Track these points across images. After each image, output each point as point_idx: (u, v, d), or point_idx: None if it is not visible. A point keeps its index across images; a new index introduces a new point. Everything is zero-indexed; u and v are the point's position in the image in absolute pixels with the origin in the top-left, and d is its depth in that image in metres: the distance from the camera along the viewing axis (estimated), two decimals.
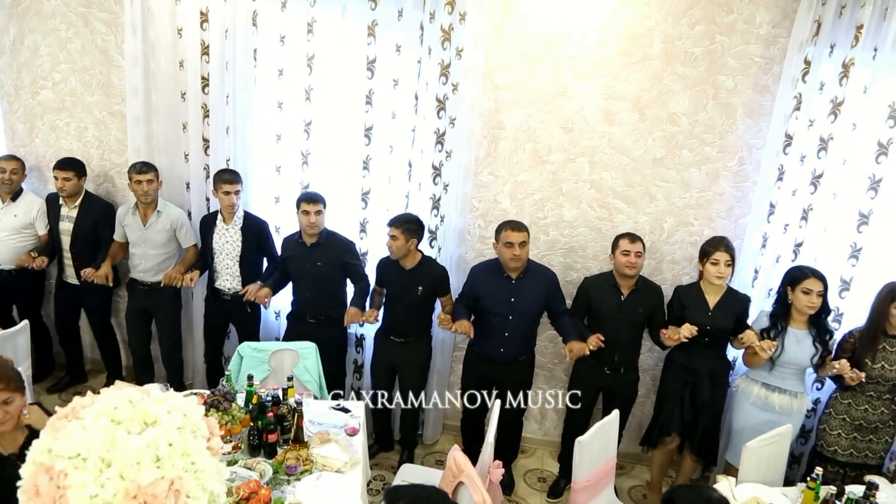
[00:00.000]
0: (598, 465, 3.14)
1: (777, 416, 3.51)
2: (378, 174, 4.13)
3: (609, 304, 3.74)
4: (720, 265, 3.55)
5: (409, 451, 4.31)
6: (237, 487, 2.51)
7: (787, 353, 3.46)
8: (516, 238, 3.61)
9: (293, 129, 4.15)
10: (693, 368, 3.67)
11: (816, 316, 3.47)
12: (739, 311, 3.65)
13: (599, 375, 3.83)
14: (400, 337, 4.00)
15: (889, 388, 3.41)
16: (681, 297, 3.71)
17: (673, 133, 3.85)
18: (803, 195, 3.72)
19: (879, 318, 3.39)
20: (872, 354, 3.38)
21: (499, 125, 3.99)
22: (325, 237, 3.98)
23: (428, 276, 3.87)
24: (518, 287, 3.73)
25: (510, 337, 3.77)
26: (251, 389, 3.17)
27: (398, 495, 2.01)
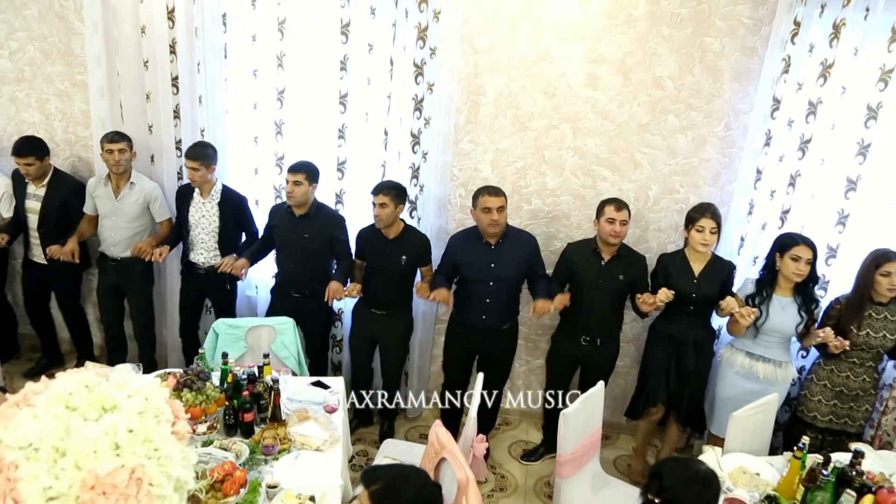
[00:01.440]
0: (583, 438, 3.09)
1: (761, 385, 3.48)
2: (354, 143, 4.00)
3: (589, 269, 3.66)
4: (705, 232, 3.48)
5: (389, 422, 4.26)
6: (211, 470, 2.41)
7: (772, 321, 3.42)
8: (494, 203, 3.52)
9: (266, 98, 4.00)
10: (678, 338, 3.63)
11: (803, 284, 3.42)
12: (724, 279, 3.59)
13: (576, 346, 3.78)
14: (381, 309, 3.90)
15: (872, 355, 3.39)
16: (665, 266, 3.64)
17: (658, 98, 3.75)
18: (791, 161, 3.65)
19: (865, 286, 3.35)
20: (858, 322, 3.35)
21: (479, 91, 3.86)
22: (315, 209, 3.86)
23: (411, 246, 3.78)
24: (497, 253, 3.65)
25: (491, 304, 3.70)
26: (226, 367, 3.07)
27: (376, 476, 1.93)
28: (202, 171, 3.84)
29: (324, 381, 3.36)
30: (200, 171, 3.84)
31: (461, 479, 2.45)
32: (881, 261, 3.29)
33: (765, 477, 2.88)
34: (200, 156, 3.83)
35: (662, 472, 2.13)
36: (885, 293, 3.30)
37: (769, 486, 2.81)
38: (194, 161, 3.82)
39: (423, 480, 1.93)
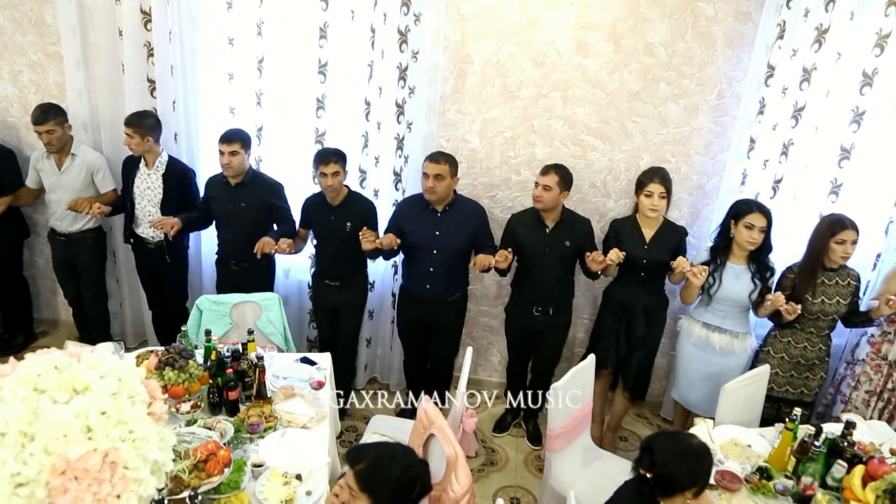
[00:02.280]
0: (573, 412, 3.05)
1: (717, 356, 3.47)
2: (334, 113, 3.89)
3: (534, 238, 3.60)
4: (654, 197, 3.42)
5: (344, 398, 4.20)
6: (194, 450, 2.35)
7: (725, 289, 3.37)
8: (430, 169, 3.45)
9: (244, 68, 3.87)
10: (629, 304, 3.61)
11: (757, 252, 3.37)
12: (676, 244, 3.54)
13: (529, 317, 3.74)
14: (335, 280, 3.85)
15: (828, 322, 3.37)
16: (616, 231, 3.59)
17: (650, 65, 3.65)
18: (784, 129, 3.58)
19: (819, 252, 3.30)
20: (812, 290, 3.31)
21: (466, 59, 3.75)
22: (251, 177, 3.78)
23: (356, 212, 3.70)
24: (443, 220, 3.59)
25: (435, 273, 3.64)
26: (209, 345, 3.00)
27: (361, 455, 1.89)
28: (136, 139, 3.75)
29: (310, 357, 3.31)
30: (135, 139, 3.75)
31: (449, 455, 2.41)
32: (836, 228, 3.24)
33: (756, 449, 2.86)
34: (135, 124, 3.74)
35: (654, 446, 2.10)
36: (839, 260, 3.27)
37: (761, 457, 2.79)
38: (128, 128, 3.73)
39: (410, 458, 1.89)
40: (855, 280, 3.35)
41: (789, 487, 2.58)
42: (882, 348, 3.47)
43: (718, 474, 2.62)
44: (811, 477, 2.57)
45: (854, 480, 2.54)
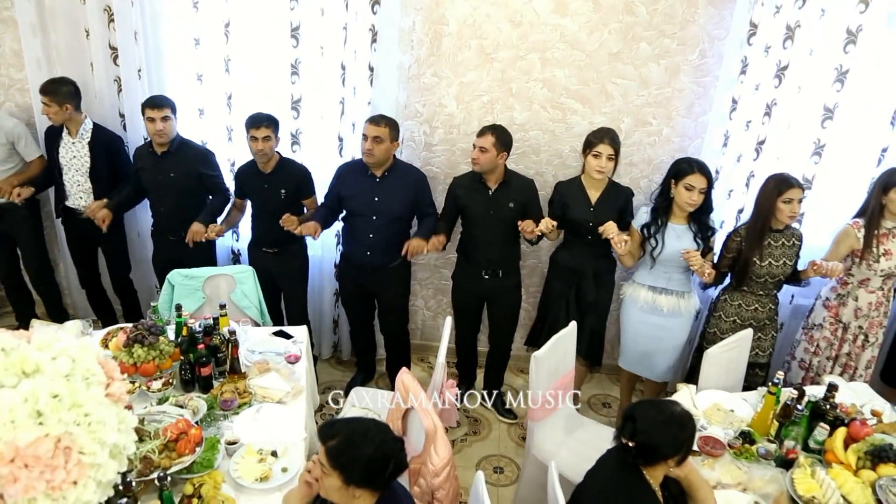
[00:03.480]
0: (555, 380, 3.01)
1: (666, 318, 3.44)
2: (309, 79, 3.75)
3: (477, 201, 3.53)
4: (602, 158, 3.34)
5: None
6: (164, 429, 2.29)
7: (668, 250, 3.32)
8: (370, 132, 3.37)
9: (211, 32, 3.70)
10: (577, 269, 3.56)
11: (697, 213, 3.31)
12: (622, 205, 3.48)
13: (477, 282, 3.68)
14: (272, 247, 3.77)
15: (776, 283, 3.35)
16: (561, 194, 3.52)
17: (630, 24, 3.54)
18: (767, 89, 3.51)
19: (766, 214, 3.23)
20: (759, 252, 3.26)
21: (441, 20, 3.61)
22: (178, 145, 3.66)
23: (289, 178, 3.63)
24: (382, 186, 3.51)
25: (375, 240, 3.57)
26: (180, 320, 2.92)
27: (333, 431, 1.82)
28: (54, 107, 3.62)
29: (286, 330, 3.23)
30: (52, 107, 3.62)
31: (428, 427, 2.36)
32: (783, 187, 3.17)
33: (739, 413, 2.84)
34: (51, 91, 3.60)
35: (636, 414, 2.05)
36: (786, 219, 3.22)
37: (743, 422, 2.77)
38: (44, 96, 3.60)
39: (383, 435, 1.82)
40: (798, 240, 3.32)
41: (772, 451, 2.57)
42: (839, 312, 3.46)
43: (702, 440, 2.59)
44: (794, 440, 2.55)
45: (836, 443, 2.54)
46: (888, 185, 3.21)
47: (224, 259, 4.23)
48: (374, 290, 3.79)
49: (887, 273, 3.30)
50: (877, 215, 3.27)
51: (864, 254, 3.29)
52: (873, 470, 2.42)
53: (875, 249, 3.28)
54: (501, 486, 3.47)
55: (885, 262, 3.27)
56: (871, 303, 3.38)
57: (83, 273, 4.20)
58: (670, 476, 2.13)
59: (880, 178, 3.28)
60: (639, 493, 2.03)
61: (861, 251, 3.30)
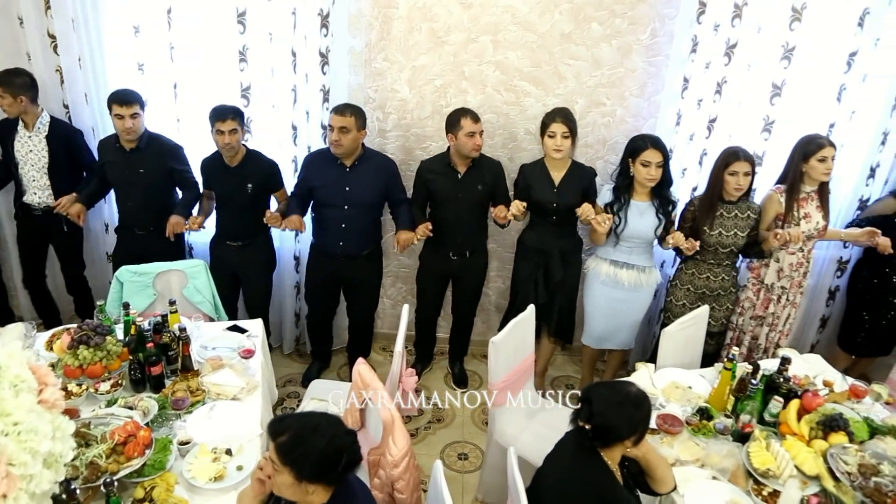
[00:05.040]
0: (514, 365, 3.00)
1: (627, 292, 3.51)
2: (258, 66, 3.65)
3: (446, 185, 3.54)
4: (557, 138, 3.35)
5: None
6: (112, 432, 2.21)
7: (631, 227, 3.38)
8: (336, 122, 3.34)
9: (152, 19, 3.57)
10: (544, 249, 3.58)
11: (658, 187, 3.37)
12: (586, 185, 3.51)
13: (445, 262, 3.72)
14: (236, 241, 3.70)
15: (728, 254, 3.42)
16: (525, 176, 3.54)
17: (581, 5, 3.52)
18: (717, 67, 3.52)
19: (715, 186, 3.34)
20: (710, 222, 3.35)
21: (390, 3, 3.55)
22: (147, 141, 3.56)
23: (256, 172, 3.56)
24: (352, 175, 3.49)
25: (348, 229, 3.55)
26: (128, 319, 2.83)
27: (283, 427, 1.78)
28: (9, 99, 3.50)
29: (241, 324, 3.16)
30: (6, 99, 3.51)
31: (385, 418, 2.33)
32: (730, 160, 3.27)
33: (697, 390, 2.87)
34: (6, 83, 3.50)
35: (592, 397, 2.05)
36: (733, 192, 3.31)
37: (701, 398, 2.80)
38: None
39: (335, 429, 1.78)
40: (755, 213, 3.39)
41: (729, 426, 2.60)
42: (760, 272, 3.55)
43: (660, 418, 2.61)
44: (749, 414, 2.58)
45: (789, 415, 2.58)
46: (808, 153, 3.31)
47: (199, 256, 4.09)
48: (347, 278, 3.75)
49: (807, 235, 3.40)
50: (798, 181, 3.37)
51: (786, 217, 3.39)
52: (825, 439, 2.47)
53: (796, 213, 3.38)
54: (466, 473, 3.46)
55: (805, 225, 3.38)
56: (793, 263, 3.47)
57: (29, 272, 4.05)
58: (629, 456, 2.13)
59: (800, 145, 3.36)
60: (597, 474, 2.03)
61: (783, 215, 3.39)
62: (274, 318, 4.20)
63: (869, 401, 2.82)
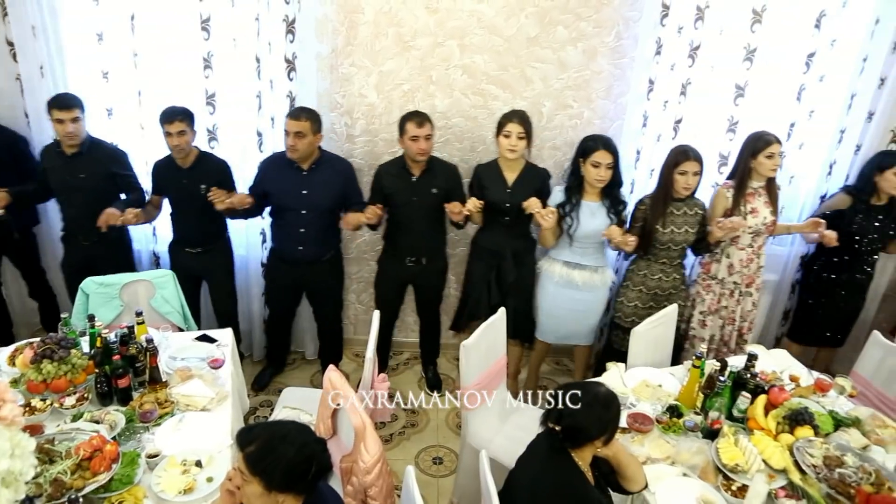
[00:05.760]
0: (486, 367, 3.01)
1: (580, 292, 3.54)
2: (223, 73, 3.62)
3: (401, 187, 3.54)
4: (512, 137, 3.37)
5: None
6: (76, 447, 2.16)
7: (583, 227, 3.40)
8: (291, 127, 3.32)
9: (115, 27, 3.53)
10: (496, 250, 3.60)
11: (608, 188, 3.40)
12: (538, 186, 3.52)
13: (402, 268, 3.71)
14: (195, 247, 3.68)
15: (679, 252, 3.46)
16: (479, 176, 3.56)
17: (546, 8, 3.55)
18: (681, 69, 3.58)
19: (666, 184, 3.36)
20: (662, 220, 3.38)
21: (356, 9, 3.54)
22: (89, 146, 3.49)
23: (208, 173, 3.52)
24: (310, 179, 3.47)
25: (307, 234, 3.54)
26: (94, 331, 2.77)
27: (251, 437, 1.75)
28: None
29: (210, 334, 3.13)
30: None
31: (357, 424, 2.32)
32: (680, 159, 3.30)
33: (667, 388, 2.90)
34: None
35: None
36: (682, 191, 3.34)
37: (671, 396, 2.83)
38: None
39: (304, 437, 1.77)
40: (701, 209, 3.45)
41: (699, 423, 2.63)
42: (711, 268, 3.61)
43: (631, 417, 2.63)
44: (718, 411, 2.61)
45: (757, 410, 2.62)
46: (756, 150, 3.37)
47: (148, 264, 4.06)
48: (307, 283, 3.73)
49: (755, 230, 3.46)
50: (746, 177, 3.43)
51: (733, 212, 3.44)
52: (791, 433, 2.51)
53: (743, 208, 3.44)
54: (441, 477, 3.46)
55: (752, 220, 3.44)
56: (742, 259, 3.53)
57: None
58: (600, 456, 2.14)
59: (748, 142, 3.42)
60: (568, 475, 2.04)
61: (731, 210, 3.45)
62: (244, 325, 4.17)
63: (833, 394, 2.88)
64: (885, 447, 2.53)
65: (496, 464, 2.72)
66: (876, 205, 3.62)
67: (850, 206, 3.64)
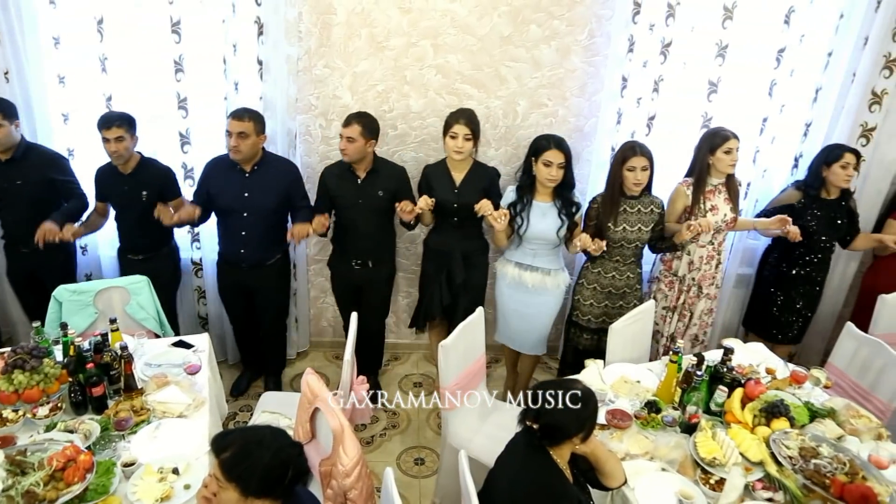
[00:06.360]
0: (465, 367, 3.01)
1: (532, 295, 3.50)
2: (195, 76, 3.58)
3: (346, 189, 3.50)
4: (458, 139, 3.36)
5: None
6: (49, 458, 2.13)
7: (533, 228, 3.37)
8: (234, 127, 3.28)
9: (82, 30, 3.47)
10: (446, 251, 3.59)
11: (560, 188, 3.38)
12: (486, 185, 3.50)
13: (349, 270, 3.67)
14: (139, 254, 3.63)
15: (633, 250, 3.44)
16: (427, 177, 3.55)
17: (519, 7, 3.55)
18: (654, 66, 3.61)
19: (615, 181, 3.33)
20: (614, 218, 3.35)
21: (328, 10, 3.52)
22: (24, 151, 3.40)
23: (151, 180, 3.48)
24: (252, 181, 3.43)
25: (249, 236, 3.50)
26: (66, 340, 2.73)
27: (226, 442, 1.74)
28: None
29: (186, 340, 3.10)
30: None
31: (335, 427, 2.31)
32: (627, 155, 3.27)
33: (645, 384, 2.91)
34: None
35: (539, 396, 2.05)
36: (632, 187, 3.31)
37: (649, 392, 2.85)
38: None
39: (280, 442, 1.75)
40: (659, 208, 3.43)
41: (676, 418, 2.65)
42: (672, 265, 3.62)
43: (609, 414, 2.64)
44: (696, 405, 2.63)
45: (734, 403, 2.64)
46: (714, 146, 3.37)
47: (111, 271, 3.97)
48: (252, 287, 3.68)
49: (716, 227, 3.46)
50: (704, 174, 3.43)
51: (692, 209, 3.44)
52: (768, 425, 2.54)
53: (703, 205, 3.44)
54: (423, 478, 3.45)
55: (713, 217, 3.43)
56: (703, 256, 3.54)
57: None
58: (578, 453, 2.15)
59: (706, 138, 3.42)
60: (546, 474, 2.04)
61: (690, 207, 3.45)
62: (216, 330, 4.13)
63: (809, 386, 2.92)
64: (859, 437, 2.56)
65: (477, 463, 2.72)
66: (825, 199, 3.63)
67: (800, 200, 3.64)
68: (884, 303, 3.39)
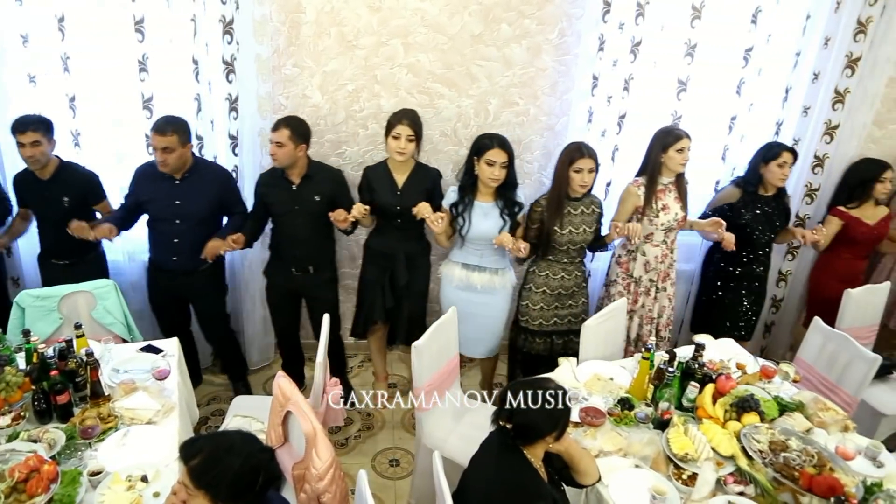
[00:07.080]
0: (439, 368, 2.99)
1: (481, 295, 3.47)
2: (159, 76, 3.50)
3: (281, 196, 3.42)
4: (401, 140, 3.31)
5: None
6: (11, 469, 2.07)
7: (475, 228, 3.34)
8: (157, 143, 3.19)
9: (42, 27, 3.36)
10: (389, 253, 3.55)
11: (503, 188, 3.35)
12: (429, 187, 3.48)
13: (288, 278, 3.60)
14: (62, 259, 3.54)
15: (578, 250, 3.44)
16: (368, 179, 3.50)
17: (489, 6, 3.54)
18: (624, 65, 3.63)
19: (561, 183, 3.30)
20: (560, 221, 3.32)
21: (297, 8, 3.48)
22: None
23: (71, 185, 3.40)
24: (182, 188, 3.37)
25: (181, 244, 3.42)
26: (30, 347, 2.65)
27: (195, 448, 1.71)
28: None
29: (155, 344, 3.04)
30: None
31: (307, 430, 2.28)
32: (574, 156, 3.24)
33: (618, 381, 2.93)
34: None
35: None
36: (578, 189, 3.29)
37: (622, 389, 2.86)
38: None
39: (250, 447, 1.72)
40: (598, 207, 3.43)
41: (649, 415, 2.67)
42: (629, 267, 3.64)
43: (583, 411, 2.65)
44: (668, 401, 2.65)
45: (705, 399, 2.67)
46: (666, 144, 3.39)
47: None
48: (186, 295, 3.62)
49: (667, 226, 3.50)
50: (656, 173, 3.45)
51: (645, 209, 3.46)
52: (738, 420, 2.57)
53: (654, 205, 3.46)
54: (398, 479, 3.43)
55: (664, 216, 3.46)
56: (657, 256, 3.57)
57: None
58: (552, 452, 2.15)
59: (657, 137, 3.44)
60: (520, 473, 2.04)
61: (642, 207, 3.47)
62: None
63: (778, 380, 2.96)
64: (826, 429, 2.61)
65: (452, 463, 2.72)
66: (763, 195, 3.67)
67: (740, 198, 3.68)
68: (849, 297, 3.46)
